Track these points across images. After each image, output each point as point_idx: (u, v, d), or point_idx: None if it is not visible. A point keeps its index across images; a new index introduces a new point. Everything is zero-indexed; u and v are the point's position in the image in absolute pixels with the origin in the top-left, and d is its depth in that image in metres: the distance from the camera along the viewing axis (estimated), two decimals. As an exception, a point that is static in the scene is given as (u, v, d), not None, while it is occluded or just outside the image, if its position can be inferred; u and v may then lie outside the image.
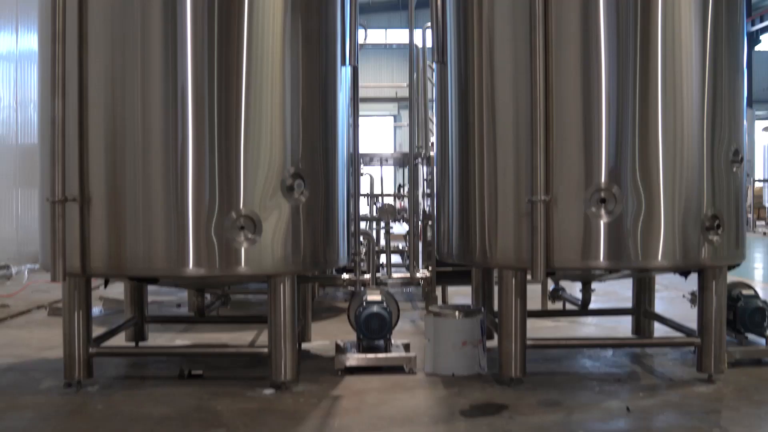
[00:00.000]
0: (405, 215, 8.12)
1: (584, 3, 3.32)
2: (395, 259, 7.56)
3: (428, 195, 6.98)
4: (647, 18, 3.32)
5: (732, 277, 3.81)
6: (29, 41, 10.03)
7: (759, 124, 28.91)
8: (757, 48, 30.48)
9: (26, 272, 7.85)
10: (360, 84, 4.18)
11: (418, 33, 6.53)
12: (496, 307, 3.68)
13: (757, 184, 22.74)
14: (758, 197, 22.43)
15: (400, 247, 7.43)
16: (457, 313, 3.76)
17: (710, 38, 3.43)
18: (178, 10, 3.22)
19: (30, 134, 9.88)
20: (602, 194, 3.29)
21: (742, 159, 3.56)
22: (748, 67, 3.77)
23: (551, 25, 3.31)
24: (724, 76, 3.49)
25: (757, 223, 20.44)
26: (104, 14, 3.28)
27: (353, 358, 3.71)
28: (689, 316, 3.86)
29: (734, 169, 3.52)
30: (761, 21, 28.55)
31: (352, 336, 3.95)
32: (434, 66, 4.14)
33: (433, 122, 5.51)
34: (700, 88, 3.42)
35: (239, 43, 3.28)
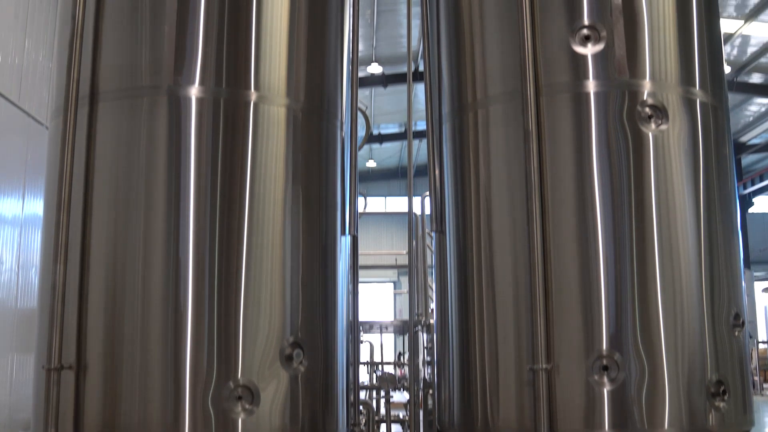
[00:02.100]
0: (405, 383, 8.01)
1: (579, 173, 3.40)
2: (396, 429, 7.39)
3: (428, 363, 6.91)
4: (641, 186, 3.39)
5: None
6: (34, 207, 10.25)
7: (758, 285, 28.93)
8: (751, 210, 30.92)
9: (17, 440, 7.67)
10: (360, 251, 4.21)
11: (417, 201, 6.67)
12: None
13: (761, 346, 22.54)
14: (763, 359, 22.17)
15: (401, 417, 7.29)
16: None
17: (703, 203, 3.49)
18: (181, 180, 3.30)
19: (30, 298, 9.92)
20: (604, 361, 3.26)
21: (743, 323, 3.54)
22: (742, 229, 3.82)
23: (547, 193, 3.38)
24: (720, 239, 3.53)
25: (764, 385, 20.08)
26: (110, 182, 3.35)
27: None
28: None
29: (736, 333, 3.50)
30: (753, 184, 29.14)
31: None
32: (433, 234, 4.19)
33: (432, 289, 5.53)
34: (696, 253, 3.45)
35: (240, 211, 3.33)
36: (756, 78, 25.84)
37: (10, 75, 10.16)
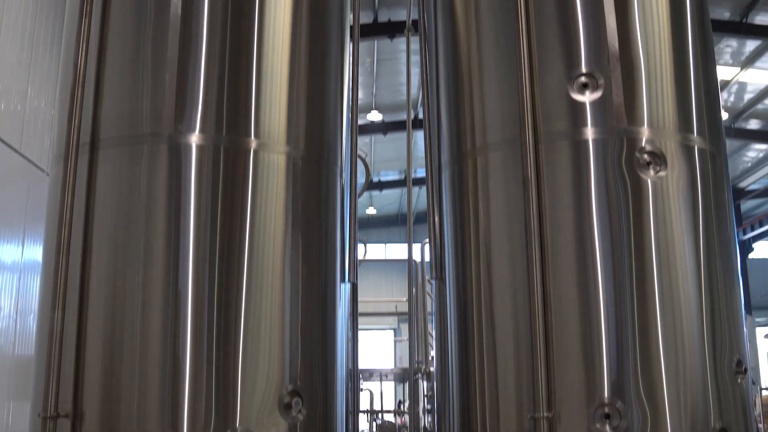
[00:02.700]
0: (406, 432, 7.94)
1: (578, 220, 3.40)
2: (397, 478, 7.30)
3: (429, 411, 6.85)
4: (640, 232, 3.39)
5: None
6: (34, 252, 10.26)
7: (760, 331, 28.80)
8: (752, 255, 30.89)
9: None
10: (359, 298, 4.20)
11: (416, 247, 6.67)
12: None
13: (765, 392, 22.32)
14: (766, 406, 21.96)
15: (402, 466, 7.21)
16: None
17: (703, 249, 3.48)
18: (181, 227, 3.30)
19: (28, 345, 9.88)
20: (606, 409, 3.22)
21: (746, 369, 3.52)
22: (743, 275, 3.81)
23: (547, 240, 3.38)
24: (720, 285, 3.52)
25: (769, 433, 19.85)
26: (109, 229, 3.35)
27: None
28: None
29: (739, 380, 3.47)
30: (752, 230, 29.16)
31: None
32: (433, 281, 4.18)
33: (432, 337, 5.50)
34: (697, 299, 3.43)
35: (240, 258, 3.33)
36: (753, 124, 26.01)
37: (13, 122, 10.23)
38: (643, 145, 3.44)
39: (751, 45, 20.86)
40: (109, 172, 3.41)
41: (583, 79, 3.48)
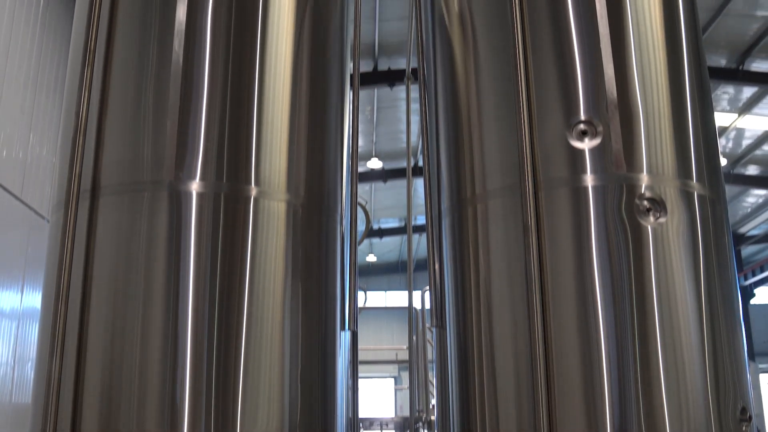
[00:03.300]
0: (407, 481, 7.83)
1: (579, 267, 3.39)
2: None
3: (430, 460, 6.77)
4: (641, 279, 3.38)
5: None
6: (33, 299, 10.24)
7: (764, 378, 28.60)
8: (753, 301, 30.79)
9: None
10: (360, 346, 4.18)
11: (417, 295, 6.65)
12: None
13: (770, 442, 22.10)
14: (772, 455, 21.72)
15: None
16: None
17: (704, 295, 3.47)
18: (180, 273, 3.30)
19: (25, 393, 9.81)
20: (609, 459, 3.19)
21: (750, 417, 3.48)
22: (745, 321, 3.79)
23: (547, 287, 3.37)
24: (723, 331, 3.50)
25: (775, 483, 19.60)
26: (109, 275, 3.34)
27: None
28: None
29: (744, 428, 3.43)
30: (754, 275, 29.09)
31: None
32: (433, 329, 4.16)
33: (433, 385, 5.46)
34: (699, 347, 3.41)
35: (239, 305, 3.32)
36: (752, 170, 26.12)
37: (14, 169, 10.28)
38: (643, 191, 3.44)
39: (748, 91, 21.05)
40: (109, 219, 3.42)
41: (582, 126, 3.50)
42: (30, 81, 10.78)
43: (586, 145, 3.49)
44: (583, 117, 3.52)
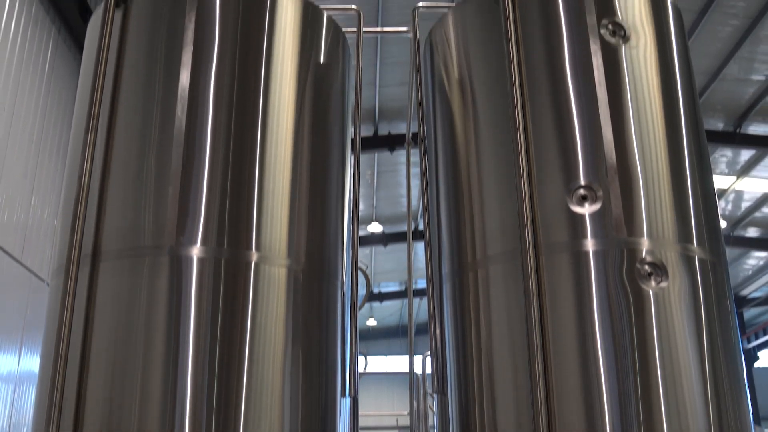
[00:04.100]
0: None
1: (581, 332, 3.37)
2: None
3: None
4: (644, 344, 3.35)
5: None
6: (31, 363, 10.16)
7: (770, 444, 28.13)
8: (757, 364, 30.53)
9: None
10: (360, 412, 4.14)
11: (418, 360, 6.60)
12: None
13: None
14: None
15: None
16: None
17: (708, 359, 3.44)
18: (180, 339, 3.27)
19: (20, 460, 9.68)
20: None
21: (757, 484, 3.42)
22: (749, 384, 3.76)
23: (549, 352, 3.35)
24: (727, 395, 3.46)
25: None
26: (108, 340, 3.31)
27: None
28: None
29: (750, 492, 3.38)
30: (756, 338, 28.89)
31: None
32: (435, 395, 4.12)
33: (435, 451, 5.39)
34: (704, 411, 3.37)
35: (239, 371, 3.29)
36: (752, 232, 26.17)
37: (15, 232, 10.30)
38: (644, 256, 3.44)
39: (745, 154, 21.21)
40: (109, 284, 3.41)
41: (581, 191, 3.52)
42: (33, 144, 10.88)
43: (586, 209, 3.50)
44: (582, 182, 3.54)
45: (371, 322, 32.56)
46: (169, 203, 3.44)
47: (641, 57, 3.83)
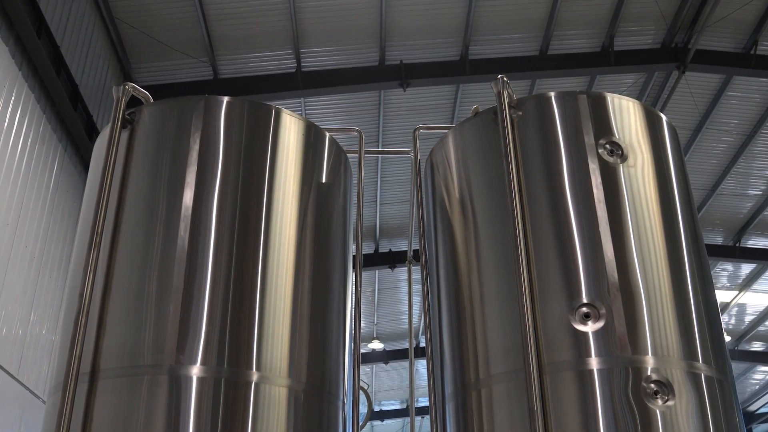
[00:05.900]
0: None
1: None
2: None
3: None
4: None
5: None
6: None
7: None
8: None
9: None
10: None
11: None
12: None
13: None
14: None
15: None
16: None
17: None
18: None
19: None
20: None
21: None
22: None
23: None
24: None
25: None
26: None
27: None
28: None
29: None
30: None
31: None
32: None
33: None
34: None
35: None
36: (757, 346, 25.94)
37: (12, 348, 10.21)
38: (649, 374, 3.40)
39: (746, 268, 21.26)
40: (107, 403, 3.36)
41: (584, 309, 3.51)
42: (35, 260, 10.90)
43: (589, 328, 3.48)
44: (585, 300, 3.53)
45: (372, 442, 31.87)
46: (170, 322, 3.42)
47: (639, 175, 3.89)
